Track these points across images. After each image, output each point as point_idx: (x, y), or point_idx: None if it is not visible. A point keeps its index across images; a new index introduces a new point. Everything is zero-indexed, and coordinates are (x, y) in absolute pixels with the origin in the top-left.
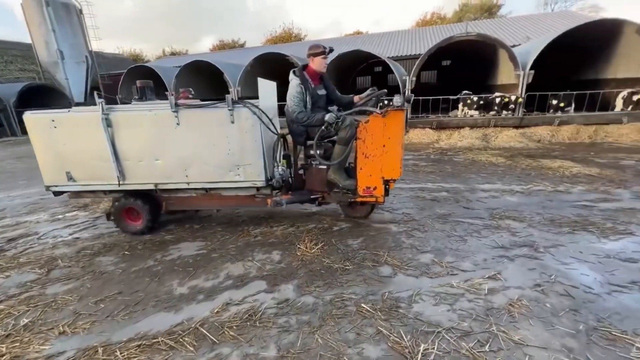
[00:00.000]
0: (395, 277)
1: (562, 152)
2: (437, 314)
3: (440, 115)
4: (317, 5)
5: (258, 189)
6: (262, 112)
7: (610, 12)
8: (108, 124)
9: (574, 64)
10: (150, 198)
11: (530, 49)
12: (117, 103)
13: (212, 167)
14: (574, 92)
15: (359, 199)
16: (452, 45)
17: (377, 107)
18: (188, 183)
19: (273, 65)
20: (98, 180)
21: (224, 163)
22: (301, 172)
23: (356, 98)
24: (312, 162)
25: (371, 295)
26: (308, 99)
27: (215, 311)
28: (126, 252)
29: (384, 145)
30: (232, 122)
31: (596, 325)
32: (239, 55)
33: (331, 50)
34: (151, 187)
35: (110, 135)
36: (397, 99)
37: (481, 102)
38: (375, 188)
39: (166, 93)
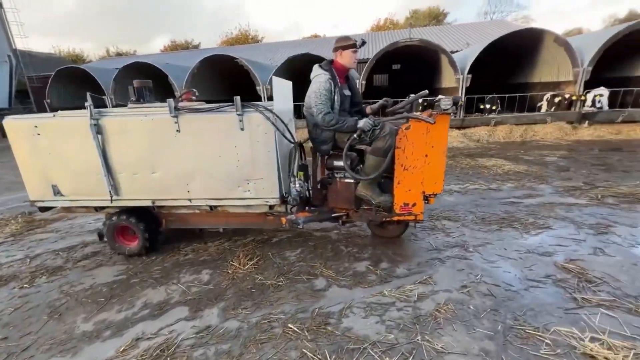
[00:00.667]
0: (329, 290)
1: (497, 150)
2: (365, 328)
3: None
4: (278, 7)
5: (271, 207)
6: (277, 117)
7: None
8: (98, 130)
9: (508, 68)
10: (148, 215)
11: (468, 54)
12: (46, 110)
13: (218, 181)
14: (506, 95)
15: (395, 218)
16: (400, 50)
17: (412, 112)
18: (190, 199)
19: (223, 68)
20: (88, 195)
21: (232, 177)
22: (321, 186)
23: (368, 109)
24: (336, 175)
25: (301, 313)
26: (337, 98)
27: (122, 349)
28: (25, 285)
29: (426, 155)
30: (242, 129)
31: (513, 324)
32: (191, 56)
33: (363, 43)
34: (148, 203)
35: (100, 143)
36: (445, 102)
37: (425, 104)
38: (414, 205)
39: (182, 98)
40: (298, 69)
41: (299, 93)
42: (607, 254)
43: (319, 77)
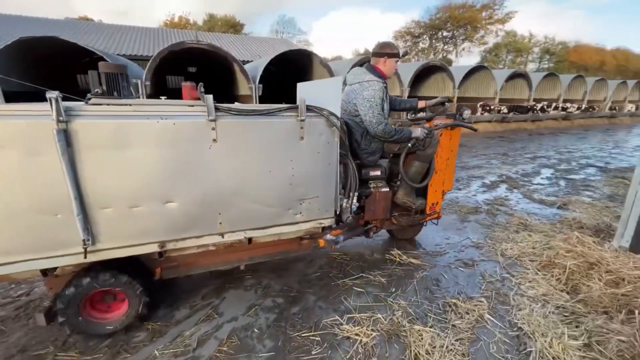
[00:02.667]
0: None
1: None
2: None
3: None
4: None
5: (323, 228)
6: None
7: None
8: (67, 140)
9: (296, 82)
10: (137, 265)
11: (258, 65)
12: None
13: (264, 205)
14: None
15: (427, 219)
16: (196, 52)
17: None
18: (222, 234)
19: None
20: (36, 252)
21: (283, 198)
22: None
23: (421, 103)
24: (372, 186)
25: None
26: (386, 107)
27: None
28: None
29: (448, 159)
30: (302, 138)
31: (291, 332)
32: None
33: (406, 53)
34: (153, 248)
35: (70, 162)
36: (465, 112)
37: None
38: (437, 204)
39: (202, 92)
40: (63, 58)
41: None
42: None
43: (373, 85)
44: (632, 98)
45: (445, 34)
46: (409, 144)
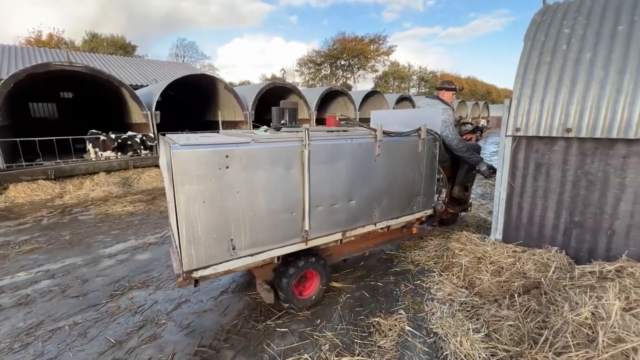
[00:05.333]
0: None
1: None
2: None
3: (60, 161)
4: None
5: (425, 218)
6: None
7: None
8: (307, 158)
9: (200, 107)
10: (316, 254)
11: (154, 90)
12: None
13: (398, 200)
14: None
15: (469, 208)
16: (70, 75)
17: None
18: (375, 223)
19: None
20: (268, 244)
21: (408, 195)
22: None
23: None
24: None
25: None
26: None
27: None
28: None
29: None
30: (421, 151)
31: None
32: None
33: (461, 89)
34: (339, 236)
35: (306, 174)
36: (482, 125)
37: (118, 141)
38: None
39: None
40: None
41: None
42: None
43: (447, 111)
44: (483, 115)
45: (343, 62)
46: (473, 171)
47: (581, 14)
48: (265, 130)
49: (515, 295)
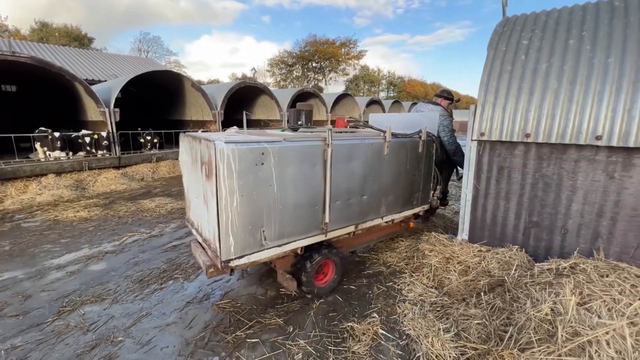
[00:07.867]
0: None
1: (163, 188)
2: None
3: (0, 161)
4: None
5: (422, 213)
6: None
7: (189, 69)
8: (329, 156)
9: (165, 106)
10: (331, 245)
11: (113, 86)
12: None
13: (401, 196)
14: (162, 131)
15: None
16: (13, 66)
17: None
18: (382, 217)
19: None
20: (295, 235)
21: (409, 191)
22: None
23: None
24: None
25: None
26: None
27: None
28: None
29: None
30: (420, 151)
31: None
32: None
33: (458, 100)
34: (352, 229)
35: (327, 170)
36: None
37: (67, 140)
38: None
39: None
40: None
41: None
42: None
43: (448, 118)
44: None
45: (314, 64)
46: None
47: (537, 26)
48: (283, 131)
49: (482, 293)
